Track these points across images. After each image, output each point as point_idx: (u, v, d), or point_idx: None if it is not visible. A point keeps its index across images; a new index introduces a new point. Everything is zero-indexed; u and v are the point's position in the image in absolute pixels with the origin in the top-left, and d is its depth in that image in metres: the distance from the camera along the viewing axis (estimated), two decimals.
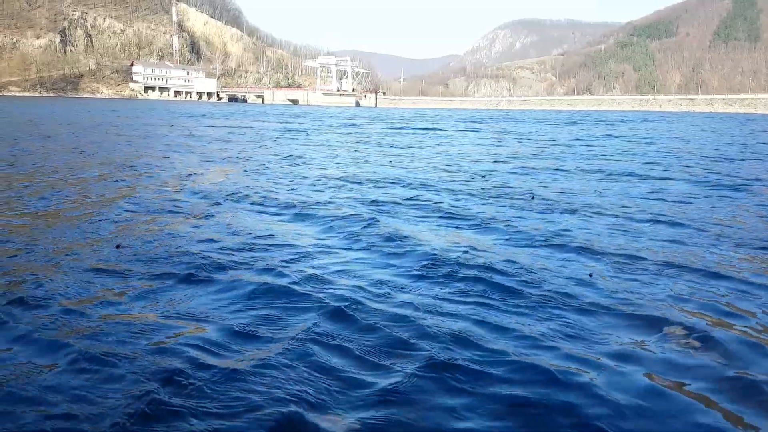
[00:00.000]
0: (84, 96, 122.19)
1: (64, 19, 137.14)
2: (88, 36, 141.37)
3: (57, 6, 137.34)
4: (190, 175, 10.75)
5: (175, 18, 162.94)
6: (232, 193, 8.72)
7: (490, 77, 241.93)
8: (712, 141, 23.06)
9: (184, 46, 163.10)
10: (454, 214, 7.35)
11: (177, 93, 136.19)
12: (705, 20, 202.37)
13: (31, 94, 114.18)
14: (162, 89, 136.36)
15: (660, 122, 45.46)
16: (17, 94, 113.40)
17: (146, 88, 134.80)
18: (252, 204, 7.99)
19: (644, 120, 50.02)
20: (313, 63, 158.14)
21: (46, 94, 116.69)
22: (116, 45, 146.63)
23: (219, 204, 7.82)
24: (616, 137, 25.40)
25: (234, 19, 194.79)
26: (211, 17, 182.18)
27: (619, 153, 17.44)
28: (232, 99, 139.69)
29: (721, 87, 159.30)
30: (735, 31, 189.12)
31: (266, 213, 7.42)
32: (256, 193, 8.86)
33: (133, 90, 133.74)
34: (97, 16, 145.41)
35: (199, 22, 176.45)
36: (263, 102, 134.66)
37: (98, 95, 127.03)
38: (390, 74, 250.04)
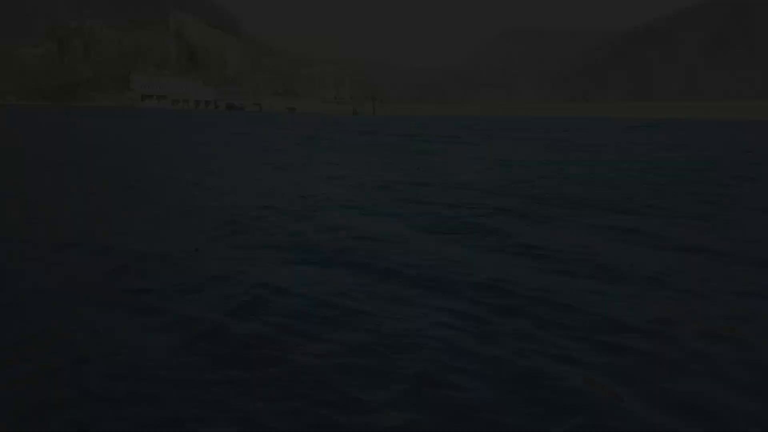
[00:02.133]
0: (80, 105, 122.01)
1: (62, 28, 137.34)
2: (86, 45, 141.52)
3: (54, 15, 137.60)
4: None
5: (173, 27, 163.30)
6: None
7: (487, 85, 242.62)
8: None
9: (182, 54, 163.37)
10: None
11: (175, 101, 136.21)
12: (701, 27, 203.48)
13: (27, 103, 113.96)
14: (159, 98, 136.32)
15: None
16: (13, 102, 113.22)
17: (144, 97, 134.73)
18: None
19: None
20: (311, 71, 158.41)
21: (42, 103, 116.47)
22: (114, 54, 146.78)
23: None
24: None
25: (232, 28, 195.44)
26: (209, 26, 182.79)
27: None
28: (230, 107, 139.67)
29: (716, 93, 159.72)
30: (730, 37, 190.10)
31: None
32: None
33: (130, 99, 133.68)
34: (95, 25, 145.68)
35: (197, 30, 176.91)
36: (261, 110, 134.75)
37: (95, 103, 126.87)
38: (387, 82, 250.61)
